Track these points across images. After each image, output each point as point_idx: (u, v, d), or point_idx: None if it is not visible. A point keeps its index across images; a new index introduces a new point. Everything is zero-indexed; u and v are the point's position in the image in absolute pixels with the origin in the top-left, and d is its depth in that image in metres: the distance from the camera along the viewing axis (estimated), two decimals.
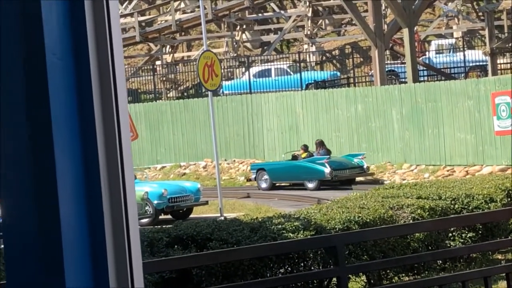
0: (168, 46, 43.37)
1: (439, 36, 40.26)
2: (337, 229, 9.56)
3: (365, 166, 25.88)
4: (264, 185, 26.48)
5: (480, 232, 11.17)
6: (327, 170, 25.22)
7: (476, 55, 35.30)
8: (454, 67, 35.27)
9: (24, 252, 1.95)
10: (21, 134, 1.96)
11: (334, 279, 9.06)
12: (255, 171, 27.04)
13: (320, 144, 26.96)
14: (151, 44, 43.74)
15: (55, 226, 1.92)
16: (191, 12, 42.17)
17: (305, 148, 26.95)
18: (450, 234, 11.05)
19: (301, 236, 9.11)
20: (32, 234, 1.95)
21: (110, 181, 1.99)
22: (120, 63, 2.03)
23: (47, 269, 1.93)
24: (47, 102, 1.93)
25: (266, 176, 26.45)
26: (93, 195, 1.97)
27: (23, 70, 1.96)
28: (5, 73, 1.98)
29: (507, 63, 34.82)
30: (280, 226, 9.39)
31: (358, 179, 26.11)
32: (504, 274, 6.83)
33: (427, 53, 37.34)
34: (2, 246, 2.08)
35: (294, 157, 26.92)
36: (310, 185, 25.69)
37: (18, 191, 1.97)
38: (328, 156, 26.06)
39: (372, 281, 10.13)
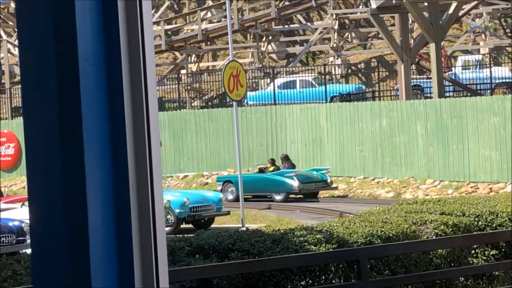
0: (193, 55, 43.49)
1: (466, 52, 40.10)
2: (359, 243, 9.51)
3: (328, 180, 27.33)
4: (230, 196, 26.99)
5: (503, 250, 11.07)
6: (295, 183, 26.60)
7: (502, 71, 35.11)
8: (480, 83, 35.10)
9: (51, 253, 1.95)
10: (52, 136, 1.96)
11: None
12: (221, 183, 27.69)
13: (286, 158, 28.56)
14: (177, 53, 43.89)
15: (82, 226, 1.92)
16: (218, 22, 42.28)
17: (272, 162, 28.43)
18: (473, 251, 10.96)
19: (323, 249, 9.07)
20: (59, 234, 1.95)
21: (138, 182, 1.98)
22: (152, 69, 2.03)
23: (73, 270, 1.93)
24: (78, 105, 1.93)
25: (232, 188, 26.95)
26: (120, 195, 1.96)
27: (56, 72, 1.96)
28: (38, 75, 1.98)
29: None
30: (302, 239, 9.35)
31: (322, 192, 27.32)
32: None
33: (453, 68, 37.19)
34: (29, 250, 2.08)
35: (261, 170, 28.17)
36: (278, 197, 26.87)
37: (46, 191, 1.97)
38: (296, 170, 27.31)
39: None
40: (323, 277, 9.26)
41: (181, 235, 11.06)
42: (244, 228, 17.12)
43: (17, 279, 8.41)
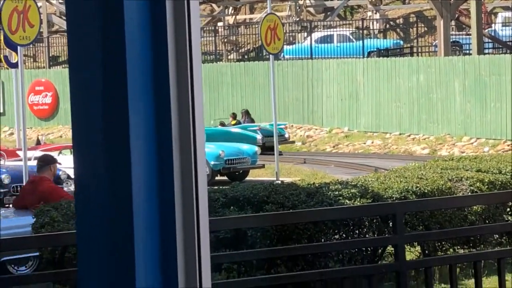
0: (231, 8, 43.31)
1: (506, 8, 39.49)
2: (394, 198, 9.49)
3: (286, 135, 28.26)
4: None
5: None
6: (259, 136, 27.33)
7: None
8: None
9: (96, 253, 1.97)
10: (97, 135, 1.97)
11: (388, 248, 9.02)
12: None
13: (246, 113, 29.77)
14: (214, 5, 43.73)
15: (127, 226, 1.93)
16: None
17: (234, 116, 29.54)
18: (508, 209, 10.91)
19: (358, 203, 9.06)
20: (104, 234, 1.96)
21: (183, 183, 1.98)
22: (198, 67, 2.03)
23: (118, 270, 1.94)
24: (125, 94, 1.93)
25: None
26: (165, 197, 1.97)
27: (103, 68, 1.96)
28: (85, 71, 1.98)
29: None
30: (337, 193, 9.34)
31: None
32: None
33: (493, 25, 36.70)
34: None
35: (222, 124, 28.96)
36: None
37: (92, 184, 1.98)
38: (259, 125, 28.19)
39: (427, 252, 10.07)
40: (357, 232, 9.27)
41: (216, 187, 11.11)
42: (279, 181, 17.16)
43: (54, 225, 8.52)
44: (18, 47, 16.08)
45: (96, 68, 1.96)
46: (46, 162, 11.01)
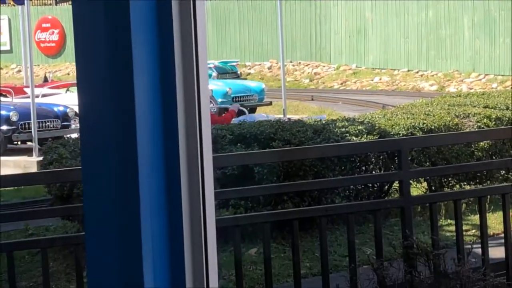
0: None
1: None
2: (401, 135, 9.52)
3: (238, 72, 27.99)
4: None
5: None
6: (214, 74, 26.79)
7: None
8: None
9: (104, 254, 1.98)
10: (106, 132, 1.97)
11: (395, 184, 9.07)
12: None
13: None
14: None
15: (134, 228, 1.94)
16: None
17: None
18: None
19: (365, 140, 9.09)
20: (113, 235, 1.97)
21: (190, 189, 1.99)
22: (204, 68, 2.03)
23: (126, 271, 1.95)
24: (132, 98, 1.94)
25: None
26: (172, 196, 1.97)
27: (109, 65, 1.96)
28: (92, 65, 1.98)
29: None
30: (343, 129, 9.37)
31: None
32: None
33: None
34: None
35: None
36: None
37: (100, 181, 1.99)
38: (212, 62, 27.72)
39: (433, 188, 10.12)
40: (364, 168, 9.32)
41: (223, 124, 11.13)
42: (286, 118, 17.18)
43: (62, 162, 8.58)
44: None
45: (103, 68, 1.97)
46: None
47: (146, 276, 1.93)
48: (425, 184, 10.18)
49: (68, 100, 19.81)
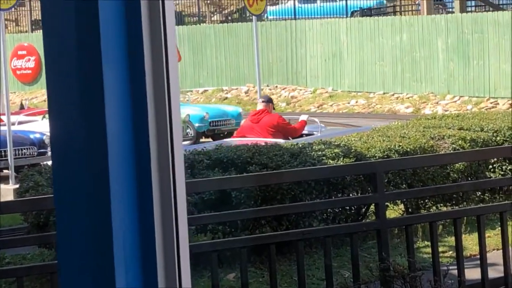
0: None
1: None
2: (377, 157, 9.58)
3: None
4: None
5: None
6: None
7: None
8: None
9: (75, 253, 1.99)
10: (75, 128, 1.98)
11: (372, 206, 9.12)
12: None
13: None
14: None
15: (106, 226, 1.94)
16: None
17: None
18: (490, 166, 11.01)
19: (341, 163, 9.14)
20: (83, 235, 1.98)
21: (161, 185, 2.00)
22: (174, 66, 2.04)
23: (98, 270, 1.96)
24: (102, 93, 1.95)
25: None
26: (144, 196, 1.98)
27: (78, 69, 1.98)
28: (60, 71, 2.00)
29: None
30: (320, 153, 9.42)
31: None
32: None
33: None
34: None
35: None
36: None
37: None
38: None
39: (410, 210, 10.17)
40: (341, 190, 9.35)
41: (200, 149, 11.14)
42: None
43: (39, 189, 8.56)
44: (0, 12, 15.97)
45: (72, 69, 1.98)
46: (268, 100, 14.24)
47: (117, 275, 1.94)
48: (402, 206, 10.23)
49: (44, 127, 19.75)
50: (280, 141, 12.57)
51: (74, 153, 1.98)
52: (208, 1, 40.43)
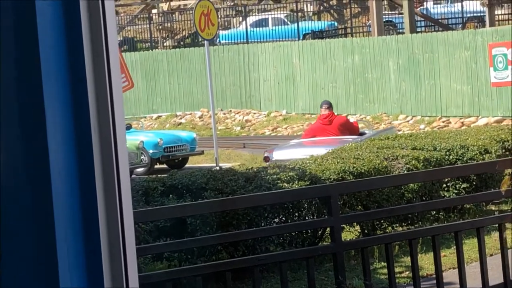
0: None
1: None
2: (331, 180, 9.59)
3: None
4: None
5: (474, 183, 11.21)
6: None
7: (474, 5, 35.10)
8: (451, 18, 35.10)
9: (18, 254, 1.95)
10: (14, 125, 1.95)
11: (329, 229, 9.12)
12: None
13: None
14: None
15: (49, 223, 1.91)
16: None
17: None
18: (444, 185, 11.09)
19: (296, 186, 9.13)
20: (26, 233, 1.94)
21: (105, 181, 1.97)
22: (116, 66, 2.00)
23: (41, 270, 1.92)
24: (41, 95, 1.92)
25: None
26: (88, 193, 1.95)
27: (17, 70, 1.94)
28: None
29: (504, 14, 34.66)
30: (275, 176, 9.40)
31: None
32: (496, 225, 6.87)
33: (425, 3, 37.13)
34: None
35: None
36: None
37: (11, 173, 1.96)
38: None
39: (366, 231, 10.19)
40: (296, 215, 9.34)
41: (154, 176, 11.07)
42: (218, 167, 17.16)
43: None
44: None
45: (10, 70, 1.94)
46: (330, 105, 16.80)
47: (61, 275, 1.89)
48: (358, 227, 10.25)
49: None
50: (350, 137, 15.62)
51: (17, 177, 1.94)
52: (160, 27, 40.40)
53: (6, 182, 1.97)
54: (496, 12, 32.11)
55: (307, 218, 9.31)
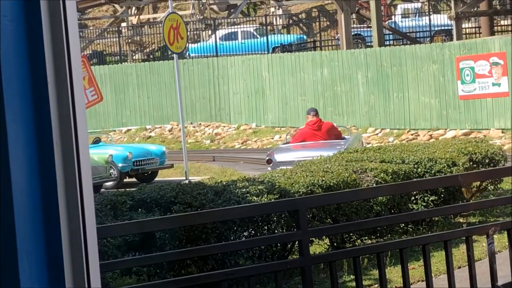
0: (133, 8, 43.00)
1: (405, 0, 40.26)
2: (301, 193, 9.60)
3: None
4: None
5: (442, 195, 11.28)
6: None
7: (441, 19, 35.41)
8: (419, 31, 35.37)
9: None
10: None
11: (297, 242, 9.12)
12: None
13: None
14: (117, 6, 43.35)
15: (9, 224, 1.89)
16: None
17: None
18: (413, 198, 11.15)
19: (265, 199, 9.14)
20: None
21: (66, 177, 1.96)
22: (78, 67, 1.99)
23: (2, 270, 1.90)
24: (1, 99, 1.90)
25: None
26: (48, 191, 1.93)
27: None
28: None
29: (472, 27, 34.98)
30: (244, 190, 9.40)
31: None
32: (464, 238, 6.92)
33: (393, 17, 37.39)
34: None
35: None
36: None
37: None
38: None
39: (335, 244, 10.21)
40: (266, 228, 9.34)
41: (123, 190, 11.03)
42: (187, 181, 17.12)
43: None
44: None
45: None
46: (317, 111, 18.33)
47: (22, 275, 1.88)
48: (327, 240, 10.27)
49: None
50: (340, 141, 17.78)
51: None
52: (129, 40, 40.31)
53: None
54: (463, 26, 32.40)
55: (276, 231, 9.31)
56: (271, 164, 16.90)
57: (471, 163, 12.16)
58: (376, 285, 8.83)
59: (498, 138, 23.33)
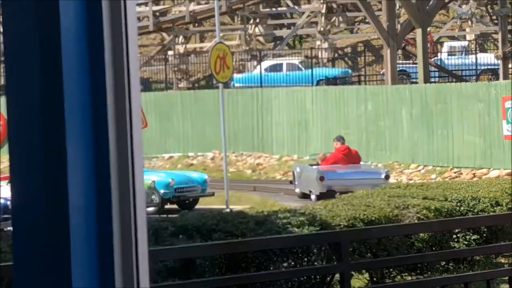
0: (181, 37, 43.40)
1: (452, 38, 40.18)
2: (342, 226, 9.59)
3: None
4: None
5: (484, 235, 11.18)
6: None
7: (488, 58, 35.23)
8: (465, 70, 35.22)
9: (31, 255, 1.95)
10: (34, 132, 1.98)
11: (337, 275, 9.10)
12: None
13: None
14: (164, 34, 43.77)
15: (63, 224, 1.92)
16: (206, 3, 42.18)
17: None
18: (455, 236, 11.06)
19: (306, 231, 9.14)
20: (40, 232, 1.95)
21: (120, 180, 1.99)
22: (135, 67, 2.03)
23: (54, 270, 1.93)
24: (61, 96, 1.95)
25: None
26: (102, 192, 1.97)
27: (39, 71, 1.97)
28: (21, 73, 1.99)
29: None
30: (285, 221, 9.42)
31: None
32: (506, 278, 6.85)
33: (439, 54, 37.29)
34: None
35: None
36: None
37: (27, 171, 1.99)
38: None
39: (375, 279, 10.17)
40: (306, 259, 9.34)
41: (165, 215, 11.10)
42: (228, 210, 17.17)
43: (1, 256, 8.44)
44: None
45: (32, 70, 1.95)
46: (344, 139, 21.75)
47: (74, 275, 1.90)
48: (367, 275, 10.22)
49: (8, 192, 19.56)
50: (370, 164, 22.70)
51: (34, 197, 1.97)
52: (175, 68, 40.66)
53: (22, 209, 1.99)
54: (510, 65, 32.21)
55: (316, 263, 9.30)
56: (322, 181, 20.59)
57: None
58: None
59: None
